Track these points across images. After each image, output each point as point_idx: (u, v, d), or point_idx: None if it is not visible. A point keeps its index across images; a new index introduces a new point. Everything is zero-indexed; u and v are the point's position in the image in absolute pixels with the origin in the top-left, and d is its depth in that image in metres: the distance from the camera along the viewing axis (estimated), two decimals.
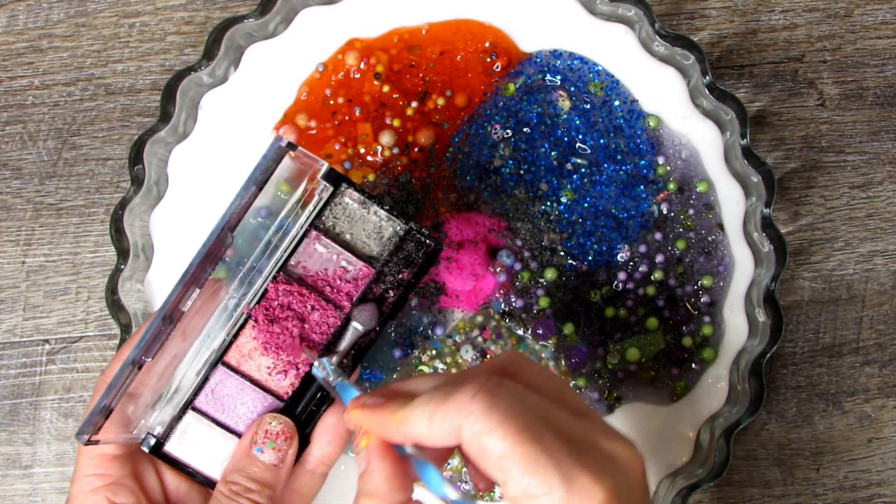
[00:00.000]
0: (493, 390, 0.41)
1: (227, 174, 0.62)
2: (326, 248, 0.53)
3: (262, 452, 0.50)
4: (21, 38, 0.68)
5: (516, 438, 0.39)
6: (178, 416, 0.53)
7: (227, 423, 0.53)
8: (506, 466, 0.39)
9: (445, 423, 0.41)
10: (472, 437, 0.40)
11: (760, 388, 0.58)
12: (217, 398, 0.53)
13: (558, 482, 0.39)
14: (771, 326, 0.59)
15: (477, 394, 0.41)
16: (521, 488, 0.39)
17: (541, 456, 0.39)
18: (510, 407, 0.40)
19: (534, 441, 0.39)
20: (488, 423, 0.40)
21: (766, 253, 0.60)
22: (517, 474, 0.39)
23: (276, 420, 0.51)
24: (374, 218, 0.53)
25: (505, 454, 0.39)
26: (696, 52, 0.60)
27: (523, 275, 0.61)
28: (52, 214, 0.67)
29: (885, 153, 0.66)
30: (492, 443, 0.40)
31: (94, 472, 0.50)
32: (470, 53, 0.63)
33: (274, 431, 0.50)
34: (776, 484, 0.64)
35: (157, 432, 0.52)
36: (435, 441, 0.42)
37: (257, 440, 0.50)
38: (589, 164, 0.62)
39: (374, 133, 0.62)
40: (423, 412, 0.42)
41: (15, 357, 0.66)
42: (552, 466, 0.39)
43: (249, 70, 0.63)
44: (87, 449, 0.50)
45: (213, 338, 0.52)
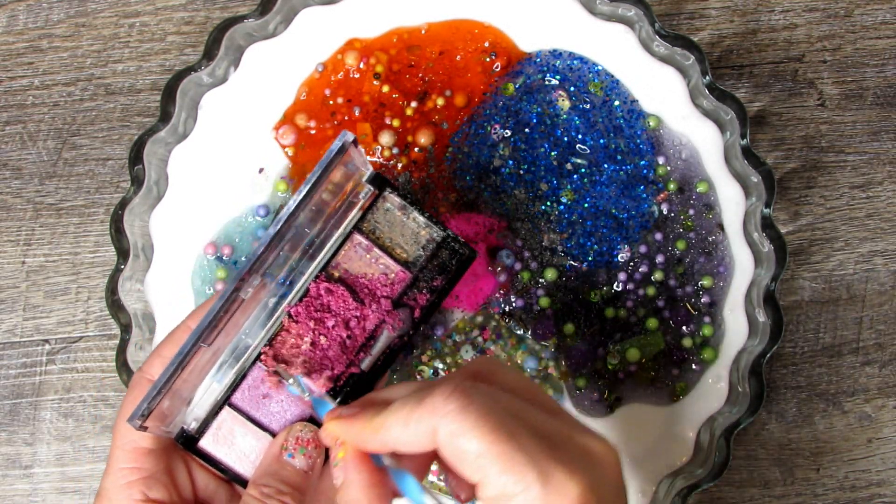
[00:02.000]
0: (467, 391, 0.41)
1: (227, 174, 0.62)
2: (367, 252, 0.53)
3: (294, 458, 0.50)
4: (21, 38, 0.68)
5: (492, 437, 0.39)
6: (214, 413, 0.52)
7: (261, 421, 0.53)
8: (482, 465, 0.39)
9: (421, 427, 0.41)
10: (448, 439, 0.40)
11: (760, 388, 0.58)
12: (252, 395, 0.53)
13: (534, 478, 0.39)
14: (771, 326, 0.59)
15: (451, 395, 0.41)
16: (499, 487, 0.39)
17: (516, 453, 0.39)
18: (484, 406, 0.40)
19: (509, 439, 0.39)
20: (463, 423, 0.40)
21: (766, 253, 0.60)
22: (494, 473, 0.39)
23: (308, 428, 0.51)
24: (412, 224, 0.53)
25: (481, 453, 0.39)
26: (696, 52, 0.60)
27: (523, 275, 0.61)
28: (52, 214, 0.67)
29: (885, 153, 0.66)
30: (467, 443, 0.40)
31: (129, 466, 0.49)
32: (469, 53, 0.63)
33: (305, 438, 0.51)
34: (776, 484, 0.64)
35: (191, 427, 0.52)
36: (412, 446, 0.42)
37: (288, 446, 0.50)
38: (589, 164, 0.62)
39: (373, 133, 0.62)
40: (398, 417, 0.42)
41: (15, 357, 0.66)
42: (528, 463, 0.39)
43: (249, 70, 0.63)
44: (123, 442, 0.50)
45: (253, 335, 0.52)
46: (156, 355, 0.51)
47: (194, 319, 0.52)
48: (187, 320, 0.52)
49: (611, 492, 0.41)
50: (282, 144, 0.62)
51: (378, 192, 0.53)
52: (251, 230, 0.62)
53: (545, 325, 0.61)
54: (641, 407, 0.61)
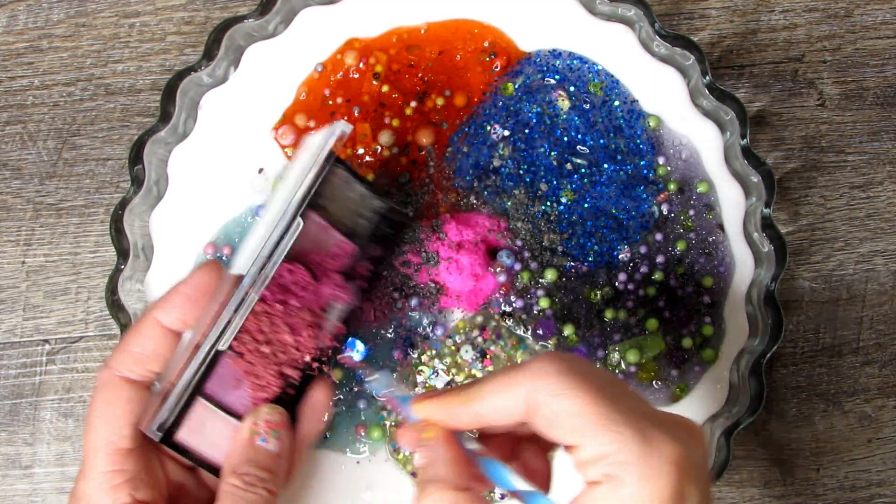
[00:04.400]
0: (567, 357, 0.42)
1: (227, 174, 0.62)
2: (318, 227, 0.53)
3: (267, 442, 0.50)
4: (21, 38, 0.68)
5: (590, 397, 0.40)
6: (188, 403, 0.51)
7: (230, 407, 0.52)
8: (580, 426, 0.40)
9: (519, 391, 0.42)
10: (547, 400, 0.41)
11: (760, 388, 0.58)
12: (223, 382, 0.52)
13: (631, 436, 0.39)
14: (771, 326, 0.59)
15: (551, 360, 0.42)
16: (596, 447, 0.40)
17: (615, 413, 0.40)
18: (583, 371, 0.41)
19: (610, 402, 0.40)
20: (563, 383, 0.41)
21: (766, 253, 0.60)
22: (591, 433, 0.40)
23: (275, 410, 0.51)
24: (355, 195, 0.53)
25: (578, 413, 0.40)
26: (696, 52, 0.60)
27: (523, 275, 0.61)
28: (52, 214, 0.67)
29: (885, 153, 0.66)
30: (565, 403, 0.40)
31: (111, 469, 0.48)
32: (469, 53, 0.63)
33: (275, 421, 0.50)
34: (776, 484, 0.64)
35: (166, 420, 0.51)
36: (504, 414, 0.43)
37: (259, 430, 0.50)
38: (589, 164, 0.62)
39: (372, 133, 0.62)
40: (494, 384, 0.43)
41: (15, 357, 0.66)
42: (626, 423, 0.39)
43: (249, 70, 0.63)
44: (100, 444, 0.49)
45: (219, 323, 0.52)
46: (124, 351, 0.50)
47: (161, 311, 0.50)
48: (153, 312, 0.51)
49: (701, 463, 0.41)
50: (281, 145, 0.62)
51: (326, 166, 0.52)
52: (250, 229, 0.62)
53: (545, 325, 0.61)
54: None
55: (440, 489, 0.43)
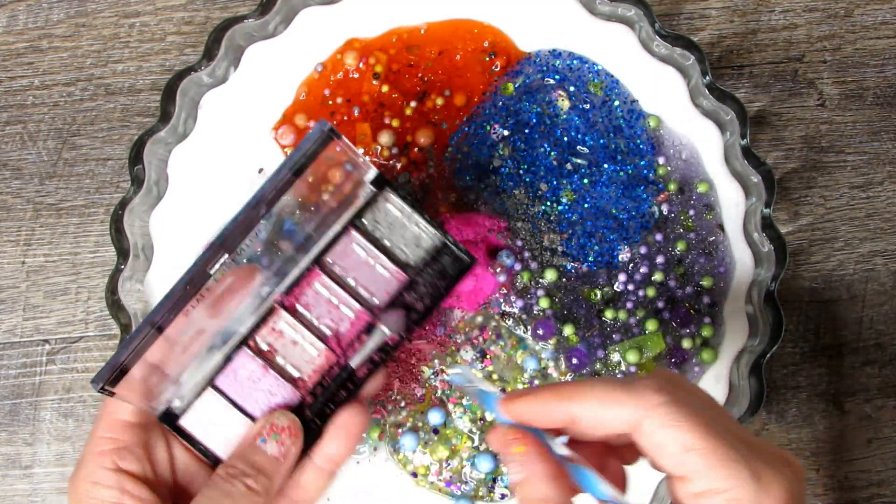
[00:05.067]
0: (677, 386, 0.42)
1: (227, 174, 0.62)
2: (364, 250, 0.53)
3: (266, 443, 0.50)
4: (21, 38, 0.68)
5: (702, 432, 0.40)
6: (198, 393, 0.53)
7: (244, 407, 0.53)
8: (689, 460, 0.40)
9: (624, 411, 0.41)
10: (655, 429, 0.41)
11: (760, 388, 0.58)
12: (238, 380, 0.53)
13: (747, 476, 0.39)
14: (771, 326, 0.59)
15: (662, 388, 0.41)
16: (708, 483, 0.40)
17: (729, 450, 0.40)
18: (693, 403, 0.41)
19: (719, 436, 0.40)
20: (674, 416, 0.40)
21: (766, 253, 0.60)
22: (702, 468, 0.40)
23: (285, 416, 0.51)
24: (413, 227, 0.53)
25: (690, 447, 0.40)
26: (696, 52, 0.60)
27: (523, 275, 0.61)
28: (52, 214, 0.67)
29: (885, 153, 0.66)
30: (676, 436, 0.40)
31: (106, 435, 0.50)
32: (469, 53, 0.63)
33: (280, 426, 0.51)
34: None
35: (176, 405, 0.52)
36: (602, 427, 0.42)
37: (263, 432, 0.51)
38: (589, 164, 0.62)
39: (372, 133, 0.62)
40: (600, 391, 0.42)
41: (15, 357, 0.66)
42: (740, 461, 0.40)
43: (249, 70, 0.63)
44: (106, 412, 0.50)
45: (242, 321, 0.53)
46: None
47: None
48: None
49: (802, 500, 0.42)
50: (281, 145, 0.62)
51: (379, 193, 0.53)
52: None
53: (545, 325, 0.61)
54: None
55: None
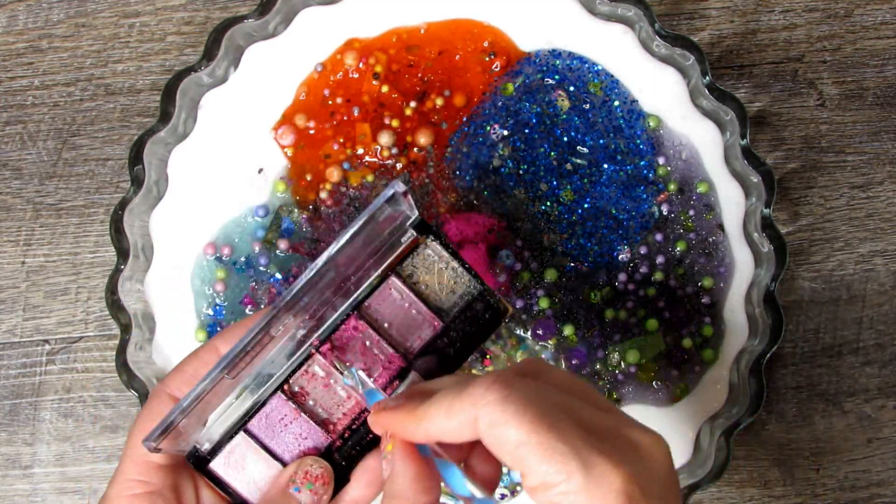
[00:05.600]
0: (509, 381, 0.41)
1: (227, 174, 0.62)
2: (400, 295, 0.53)
3: (300, 492, 0.50)
4: (21, 38, 0.68)
5: (532, 427, 0.39)
6: (229, 437, 0.52)
7: (274, 450, 0.52)
8: (523, 455, 0.39)
9: (462, 417, 0.41)
10: (489, 428, 0.40)
11: (760, 388, 0.58)
12: (269, 423, 0.52)
13: (576, 467, 0.39)
14: (771, 326, 0.59)
15: (492, 385, 0.41)
16: (540, 476, 0.39)
17: (558, 443, 0.39)
18: (526, 396, 0.40)
19: (551, 429, 0.39)
20: (504, 413, 0.40)
21: (766, 253, 0.60)
22: (535, 462, 0.39)
23: (318, 463, 0.51)
24: (450, 273, 0.53)
25: (522, 442, 0.39)
26: (696, 53, 0.60)
27: (523, 275, 0.61)
28: (52, 214, 0.67)
29: (885, 153, 0.66)
30: (508, 432, 0.40)
31: (136, 478, 0.49)
32: (469, 53, 0.63)
33: (314, 474, 0.50)
34: (776, 484, 0.64)
35: (204, 448, 0.52)
36: (454, 436, 0.42)
37: (296, 479, 0.50)
38: (589, 164, 0.62)
39: (372, 133, 0.62)
40: (440, 407, 0.42)
41: (15, 357, 0.66)
42: (570, 453, 0.39)
43: (249, 70, 0.63)
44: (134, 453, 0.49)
45: (277, 365, 0.52)
46: (179, 371, 0.51)
47: (222, 341, 0.51)
48: (215, 340, 0.51)
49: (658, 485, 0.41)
50: (281, 145, 0.62)
51: (419, 238, 0.52)
52: (251, 230, 0.62)
53: (545, 325, 0.61)
54: (641, 408, 0.61)
55: None
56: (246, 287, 0.62)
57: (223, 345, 0.51)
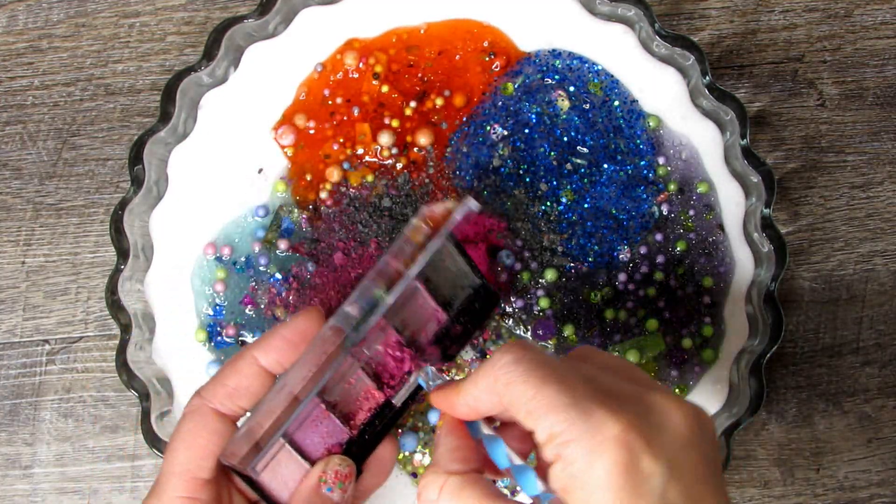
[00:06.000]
0: (524, 345, 0.44)
1: (227, 174, 0.62)
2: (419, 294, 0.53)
3: (332, 492, 0.51)
4: (21, 38, 0.68)
5: (541, 382, 0.42)
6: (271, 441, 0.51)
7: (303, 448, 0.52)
8: (532, 409, 0.41)
9: (485, 381, 0.44)
10: (505, 388, 0.43)
11: (760, 388, 0.58)
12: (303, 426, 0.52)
13: (576, 416, 0.40)
14: (771, 326, 0.59)
15: (509, 348, 0.44)
16: (546, 429, 0.41)
17: (562, 396, 0.41)
18: (537, 358, 0.43)
19: (558, 383, 0.41)
20: (515, 372, 0.42)
21: (766, 253, 0.60)
22: (542, 416, 0.41)
23: (345, 462, 0.51)
24: (453, 267, 0.53)
25: (530, 397, 0.42)
26: (696, 53, 0.60)
27: (523, 275, 0.61)
28: (52, 214, 0.67)
29: (885, 153, 0.66)
30: (519, 388, 0.42)
31: (184, 495, 0.48)
32: (469, 53, 0.63)
33: (343, 473, 0.51)
34: (776, 484, 0.64)
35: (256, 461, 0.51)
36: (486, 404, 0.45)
37: (327, 480, 0.51)
38: (589, 164, 0.62)
39: (372, 133, 0.62)
40: (470, 377, 0.46)
41: (15, 357, 0.66)
42: (572, 404, 0.41)
43: (249, 70, 0.63)
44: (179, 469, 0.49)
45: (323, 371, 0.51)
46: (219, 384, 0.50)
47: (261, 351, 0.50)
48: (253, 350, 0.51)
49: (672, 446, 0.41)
50: (281, 145, 0.62)
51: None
52: (251, 230, 0.62)
53: (545, 325, 0.61)
54: None
55: (433, 471, 0.46)
56: (246, 287, 0.62)
57: (263, 355, 0.50)
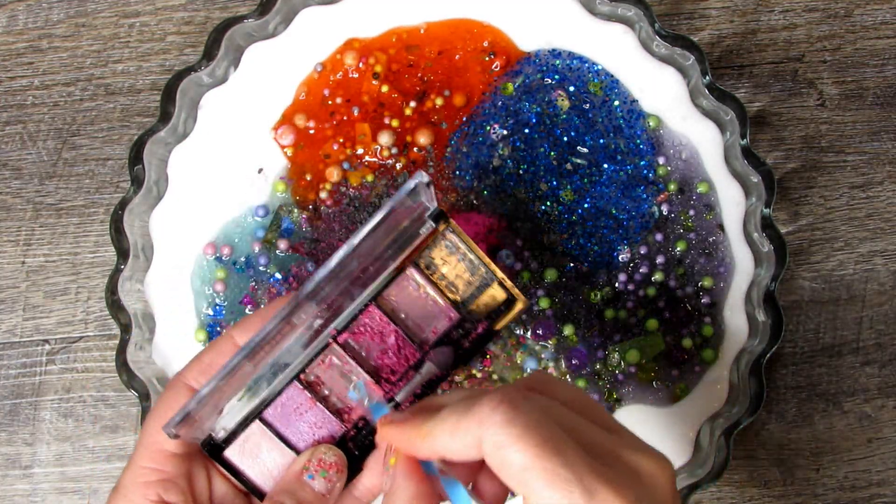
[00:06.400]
0: (515, 401, 0.41)
1: (227, 174, 0.62)
2: (418, 286, 0.53)
3: (314, 479, 0.50)
4: (21, 38, 0.68)
5: (537, 451, 0.39)
6: (244, 425, 0.52)
7: (288, 438, 0.52)
8: (527, 480, 0.39)
9: (468, 437, 0.41)
10: (493, 450, 0.40)
11: (760, 388, 0.58)
12: (285, 412, 0.52)
13: (579, 495, 0.38)
14: (771, 326, 0.59)
15: (499, 405, 0.40)
16: (543, 502, 0.39)
17: (562, 469, 0.39)
18: (531, 419, 0.40)
19: (555, 454, 0.39)
20: (509, 435, 0.39)
21: (766, 253, 0.60)
22: (539, 488, 0.39)
23: (332, 451, 0.51)
24: (466, 263, 0.53)
25: (526, 467, 0.39)
26: (696, 52, 0.60)
27: (523, 275, 0.61)
28: (52, 214, 0.67)
29: (885, 153, 0.66)
30: (512, 456, 0.39)
31: (150, 466, 0.49)
32: (468, 53, 0.63)
33: (328, 462, 0.50)
34: (776, 484, 0.64)
35: (219, 436, 0.52)
36: (459, 455, 0.42)
37: (310, 467, 0.50)
38: (589, 164, 0.62)
39: (372, 133, 0.62)
40: (446, 425, 0.42)
41: (15, 357, 0.66)
42: (573, 480, 0.39)
43: (249, 70, 0.63)
44: (148, 441, 0.49)
45: (293, 354, 0.52)
46: (197, 361, 0.51)
47: (239, 331, 0.51)
48: (232, 331, 0.51)
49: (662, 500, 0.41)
50: (281, 145, 0.62)
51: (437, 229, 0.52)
52: (250, 230, 0.62)
53: (545, 325, 0.61)
54: (641, 408, 0.61)
55: None
56: (246, 287, 0.62)
57: (240, 335, 0.51)
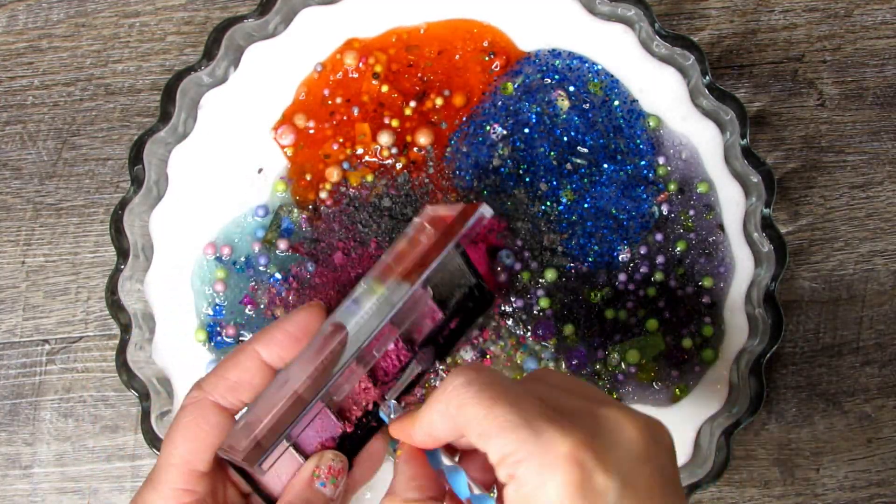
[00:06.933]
0: (476, 367, 0.44)
1: (227, 174, 0.62)
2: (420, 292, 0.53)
3: (325, 487, 0.51)
4: (21, 38, 0.68)
5: (491, 402, 0.41)
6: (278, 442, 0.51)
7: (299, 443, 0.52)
8: (484, 431, 0.41)
9: (439, 406, 0.44)
10: (457, 411, 0.42)
11: (760, 388, 0.58)
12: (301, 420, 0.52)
13: (527, 435, 0.40)
14: (771, 326, 0.59)
15: (460, 371, 0.43)
16: (499, 450, 0.41)
17: (513, 416, 0.41)
18: (489, 378, 0.43)
19: (509, 404, 0.41)
20: (467, 393, 0.42)
21: (766, 253, 0.60)
22: (493, 436, 0.41)
23: (338, 458, 0.52)
24: (452, 266, 0.53)
25: (481, 418, 0.41)
26: (696, 52, 0.60)
27: (523, 275, 0.61)
28: (52, 214, 0.67)
29: (885, 153, 0.66)
30: (470, 410, 0.42)
31: (183, 487, 0.48)
32: (468, 53, 0.63)
33: (336, 468, 0.51)
34: (776, 484, 0.64)
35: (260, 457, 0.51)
36: (446, 433, 0.45)
37: (320, 474, 0.51)
38: (589, 164, 0.62)
39: (372, 133, 0.62)
40: (427, 406, 0.45)
41: (15, 357, 0.66)
42: (522, 424, 0.40)
43: (249, 70, 0.63)
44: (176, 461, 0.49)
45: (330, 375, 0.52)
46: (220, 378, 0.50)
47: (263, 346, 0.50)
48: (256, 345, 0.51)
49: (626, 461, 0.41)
50: (281, 145, 0.62)
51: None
52: (250, 230, 0.62)
53: (545, 325, 0.61)
54: (641, 408, 0.61)
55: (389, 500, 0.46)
56: (246, 287, 0.62)
57: (264, 349, 0.50)
